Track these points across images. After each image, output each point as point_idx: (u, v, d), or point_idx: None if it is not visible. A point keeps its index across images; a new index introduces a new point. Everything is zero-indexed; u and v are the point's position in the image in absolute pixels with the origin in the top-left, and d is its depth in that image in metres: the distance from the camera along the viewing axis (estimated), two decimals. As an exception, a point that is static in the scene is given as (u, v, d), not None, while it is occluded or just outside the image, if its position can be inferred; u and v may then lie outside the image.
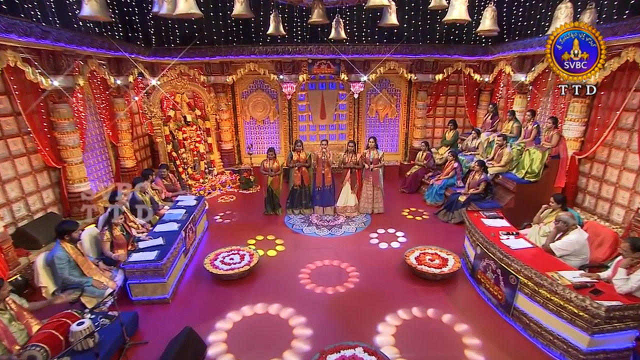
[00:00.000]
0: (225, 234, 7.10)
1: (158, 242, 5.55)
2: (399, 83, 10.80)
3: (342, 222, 7.49)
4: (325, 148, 7.56)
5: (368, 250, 6.49)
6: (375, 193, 7.83)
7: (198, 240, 6.91)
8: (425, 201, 8.65)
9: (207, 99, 9.82)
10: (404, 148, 11.34)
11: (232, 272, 5.66)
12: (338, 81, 10.51)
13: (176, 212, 6.67)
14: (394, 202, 8.50)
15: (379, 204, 7.95)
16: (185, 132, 9.45)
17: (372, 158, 7.69)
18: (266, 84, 10.58)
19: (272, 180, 7.77)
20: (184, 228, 6.07)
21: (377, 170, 7.73)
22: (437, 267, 5.67)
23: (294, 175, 7.66)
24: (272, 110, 10.83)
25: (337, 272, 5.82)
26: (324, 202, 7.79)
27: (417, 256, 5.97)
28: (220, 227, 7.54)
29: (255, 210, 8.16)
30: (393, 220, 7.65)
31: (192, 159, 9.72)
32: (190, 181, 9.37)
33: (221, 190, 9.66)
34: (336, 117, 11.05)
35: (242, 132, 11.10)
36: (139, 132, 10.17)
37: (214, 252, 6.21)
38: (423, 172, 9.41)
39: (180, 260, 5.83)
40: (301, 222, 7.50)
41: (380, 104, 10.92)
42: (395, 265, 5.98)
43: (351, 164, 7.71)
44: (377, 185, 7.80)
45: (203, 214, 7.39)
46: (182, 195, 7.64)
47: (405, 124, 11.13)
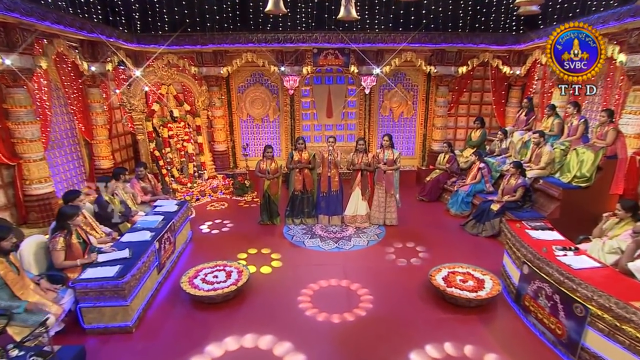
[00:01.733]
0: (212, 247, 6.50)
1: (123, 254, 4.73)
2: (416, 77, 10.23)
3: (352, 234, 6.82)
4: (332, 146, 6.92)
5: (383, 267, 5.79)
6: (387, 201, 7.12)
7: (178, 254, 6.20)
8: (449, 211, 7.95)
9: (197, 93, 9.13)
10: (422, 151, 10.73)
11: (215, 294, 4.90)
12: (347, 74, 10.00)
13: (152, 218, 5.92)
14: (412, 212, 7.93)
15: (391, 215, 7.23)
16: (171, 129, 8.78)
17: (387, 159, 6.98)
18: (265, 77, 10.08)
19: (269, 184, 7.13)
20: (158, 238, 5.29)
21: (391, 174, 7.04)
22: (471, 290, 4.83)
23: (294, 178, 7.07)
24: (272, 107, 10.31)
25: (345, 295, 5.08)
26: (330, 211, 7.18)
27: (445, 276, 5.13)
28: (206, 239, 6.91)
29: (250, 220, 7.60)
30: (412, 232, 6.99)
31: (179, 160, 9.05)
32: (176, 185, 8.62)
33: (212, 197, 9.08)
34: (344, 115, 10.50)
35: (237, 131, 10.54)
36: (120, 130, 9.55)
37: (195, 268, 5.46)
38: (445, 177, 8.76)
39: (151, 277, 5.05)
40: (303, 234, 6.85)
41: (395, 100, 10.35)
42: (417, 287, 5.23)
43: (362, 165, 6.96)
44: (390, 191, 7.08)
45: (186, 223, 6.66)
46: (162, 200, 6.79)
47: (423, 123, 10.51)
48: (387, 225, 7.22)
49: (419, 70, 9.89)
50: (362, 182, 7.10)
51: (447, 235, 6.97)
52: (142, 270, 4.77)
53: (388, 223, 7.24)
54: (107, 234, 5.36)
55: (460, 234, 7.02)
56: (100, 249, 4.81)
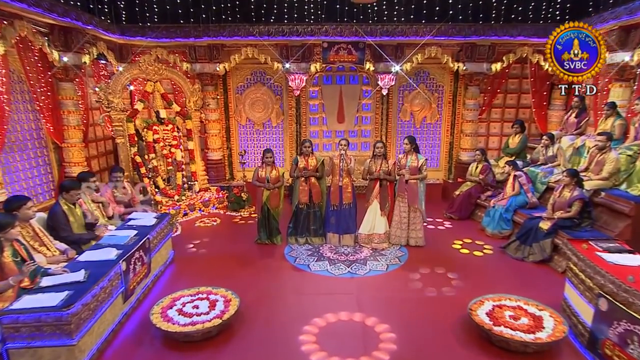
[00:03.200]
0: (196, 270, 5.91)
1: (75, 277, 3.99)
2: (441, 76, 9.77)
3: (367, 257, 6.26)
4: (344, 150, 6.39)
5: (408, 298, 5.11)
6: (411, 216, 6.53)
7: (154, 277, 5.53)
8: (485, 230, 7.26)
9: (189, 92, 8.60)
10: (448, 162, 10.21)
11: (193, 329, 4.17)
12: (361, 73, 9.62)
13: (122, 233, 5.27)
14: (440, 231, 7.42)
15: (417, 233, 6.62)
16: (157, 132, 8.21)
17: (410, 166, 6.40)
18: (268, 76, 9.72)
19: (268, 195, 6.57)
20: (126, 257, 4.61)
21: (415, 184, 6.44)
22: (526, 330, 4.03)
23: (299, 189, 6.55)
24: (275, 111, 9.92)
25: (360, 333, 4.36)
26: (341, 228, 6.61)
27: (490, 311, 4.38)
28: (191, 260, 6.32)
29: (245, 238, 7.08)
30: (440, 255, 6.36)
31: (165, 168, 8.49)
32: (160, 197, 8.02)
33: (202, 212, 8.56)
34: (358, 120, 10.07)
35: (235, 137, 10.16)
36: (99, 133, 8.99)
37: (170, 296, 4.74)
38: (478, 190, 8.09)
39: (113, 307, 4.35)
40: (308, 255, 6.32)
41: (417, 103, 9.87)
42: (453, 324, 4.48)
43: (380, 173, 6.33)
44: (414, 204, 6.45)
45: (166, 240, 6.05)
46: (140, 212, 6.17)
47: (450, 130, 10.01)
48: (411, 247, 6.63)
49: (445, 68, 9.48)
50: (381, 194, 6.48)
51: (484, 260, 6.31)
52: (99, 298, 4.02)
53: (412, 243, 6.63)
54: (61, 252, 4.62)
55: (501, 258, 6.32)
56: (47, 270, 4.03)
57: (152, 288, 5.35)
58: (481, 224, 7.44)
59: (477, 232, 7.37)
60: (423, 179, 6.51)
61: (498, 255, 6.42)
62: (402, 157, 6.60)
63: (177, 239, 6.89)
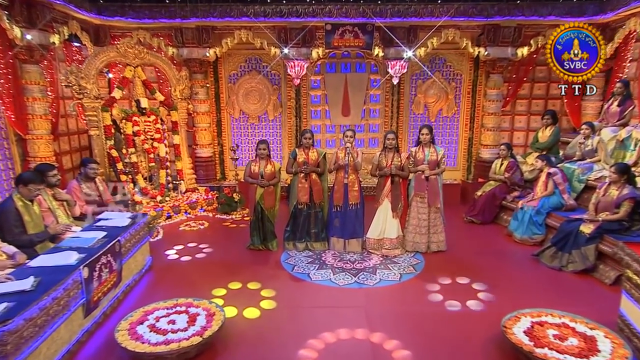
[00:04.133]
0: (177, 279, 5.58)
1: (21, 285, 3.53)
2: (459, 63, 9.53)
3: (377, 265, 5.96)
4: (350, 142, 6.09)
5: (426, 313, 4.73)
6: (432, 218, 6.24)
7: (127, 287, 5.12)
8: (513, 235, 6.88)
9: (175, 80, 8.33)
10: (467, 160, 9.99)
11: (167, 349, 3.70)
12: (369, 60, 9.41)
13: (88, 235, 4.84)
14: (460, 237, 7.02)
15: (438, 237, 6.32)
16: (137, 124, 7.86)
17: (428, 160, 6.13)
18: (264, 64, 9.53)
19: (262, 193, 6.27)
20: (89, 262, 4.18)
21: (435, 180, 6.16)
22: (578, 354, 3.55)
23: (298, 186, 6.25)
24: (272, 102, 9.74)
25: (369, 354, 3.98)
26: (347, 232, 6.31)
27: (529, 328, 3.93)
28: (173, 267, 5.98)
29: (236, 243, 6.79)
30: (463, 263, 6.01)
31: (147, 165, 8.16)
32: (140, 197, 7.69)
33: (188, 214, 8.28)
34: (365, 113, 9.88)
35: (227, 132, 9.95)
36: (72, 126, 8.60)
37: (142, 309, 4.32)
38: (503, 190, 7.73)
39: (70, 322, 3.88)
40: (308, 263, 6.02)
41: (432, 94, 9.66)
42: (483, 344, 4.06)
43: (392, 168, 6.04)
44: (435, 203, 6.16)
45: (142, 244, 5.64)
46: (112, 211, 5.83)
47: (469, 124, 9.78)
48: (428, 253, 6.29)
49: (464, 53, 9.27)
50: (393, 192, 6.13)
51: (514, 268, 5.92)
52: (50, 312, 3.56)
53: (434, 249, 6.32)
54: (9, 256, 4.14)
55: (534, 267, 5.90)
56: (-12, 276, 3.53)
57: (123, 300, 4.96)
58: (508, 228, 7.09)
59: (504, 238, 7.05)
60: (442, 172, 6.26)
61: (530, 263, 6.03)
62: (417, 150, 6.27)
63: (157, 244, 6.67)
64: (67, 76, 6.96)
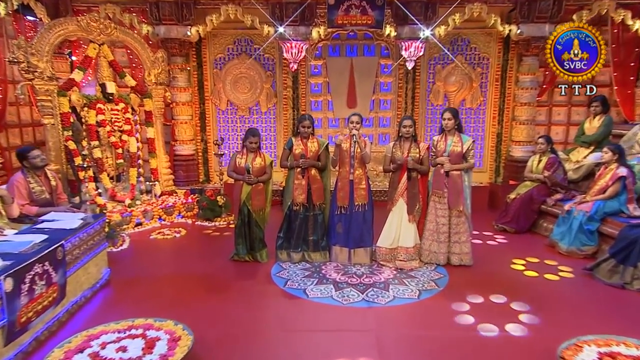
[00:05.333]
0: (141, 296, 5.23)
1: None
2: (486, 44, 9.30)
3: (390, 279, 5.67)
4: (356, 129, 5.81)
5: (452, 339, 4.36)
6: (453, 223, 5.87)
7: (72, 305, 4.65)
8: (557, 245, 6.48)
9: (150, 62, 8.13)
10: (495, 160, 9.74)
11: None
12: (380, 41, 9.23)
13: (23, 239, 4.29)
14: (490, 248, 6.82)
15: (461, 247, 5.92)
16: (102, 113, 7.46)
17: (450, 151, 5.77)
18: (256, 46, 9.38)
19: (249, 192, 5.93)
20: (14, 272, 3.62)
21: (458, 177, 5.77)
22: None
23: (293, 183, 6.04)
24: (265, 92, 9.59)
25: None
26: (353, 240, 6.08)
27: None
28: (137, 282, 5.62)
29: (218, 254, 6.54)
30: (497, 279, 5.67)
31: (115, 162, 7.83)
32: (102, 199, 7.26)
33: (162, 221, 7.99)
34: (375, 105, 9.71)
35: (212, 126, 9.78)
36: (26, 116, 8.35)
37: (86, 333, 3.81)
38: (542, 192, 7.35)
39: None
40: (304, 277, 5.75)
41: (453, 81, 9.42)
42: None
43: (409, 161, 5.71)
44: (457, 205, 5.79)
45: (96, 253, 5.15)
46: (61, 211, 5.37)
47: (498, 117, 9.56)
48: (452, 266, 5.95)
49: (491, 33, 9.08)
50: (409, 190, 5.81)
51: (562, 285, 5.51)
52: None
53: (455, 262, 5.94)
54: None
55: (589, 284, 5.48)
56: None
57: (66, 321, 4.48)
58: (550, 237, 6.73)
59: (545, 249, 6.69)
60: (469, 169, 5.83)
61: (583, 279, 5.62)
62: (439, 140, 5.90)
63: (121, 254, 6.44)
64: (14, 50, 6.46)
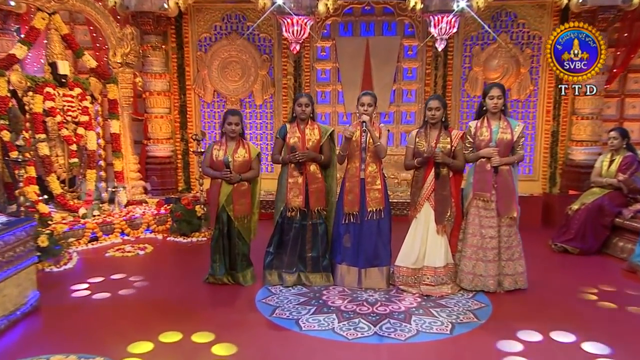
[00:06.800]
0: (79, 326, 5.08)
1: None
2: (538, 19, 9.11)
3: (413, 309, 5.41)
4: (367, 114, 5.61)
5: None
6: (504, 235, 5.59)
7: None
8: None
9: (115, 39, 8.23)
10: (550, 165, 9.53)
11: None
12: (402, 17, 9.15)
13: None
14: (548, 272, 6.55)
15: (515, 266, 5.64)
16: (51, 99, 7.41)
17: (496, 140, 5.48)
18: (249, 23, 9.35)
19: (229, 193, 5.74)
20: None
21: (507, 173, 5.52)
22: None
23: (287, 182, 5.86)
24: (260, 80, 9.60)
25: None
26: (364, 257, 5.82)
27: None
28: (76, 309, 5.45)
29: (189, 275, 6.43)
30: (559, 310, 5.42)
31: (67, 161, 7.91)
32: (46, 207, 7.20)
33: (125, 235, 7.92)
34: (396, 96, 9.62)
35: (195, 122, 9.81)
36: None
37: None
38: (616, 202, 7.11)
39: None
40: (298, 304, 5.56)
41: (495, 66, 9.26)
42: None
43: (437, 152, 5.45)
44: (508, 211, 5.50)
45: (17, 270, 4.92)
46: None
47: (553, 110, 9.35)
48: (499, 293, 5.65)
49: (544, 4, 8.97)
50: (438, 192, 5.55)
51: None
52: None
53: (508, 285, 5.68)
54: None
55: None
56: None
57: None
58: (630, 260, 6.51)
59: (624, 275, 6.44)
60: (519, 161, 5.65)
61: None
62: (480, 126, 5.58)
63: (64, 274, 6.34)
64: None
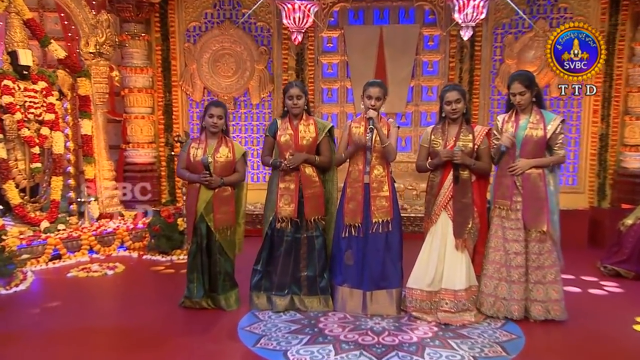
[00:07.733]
0: None
1: None
2: (582, 3, 9.08)
3: (427, 339, 5.17)
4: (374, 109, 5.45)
5: None
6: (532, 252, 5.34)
7: None
8: None
9: (87, 27, 8.34)
10: (598, 174, 9.41)
11: None
12: (421, 2, 9.21)
13: None
14: (595, 298, 6.51)
15: (548, 291, 5.37)
16: (10, 93, 7.51)
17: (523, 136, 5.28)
18: (244, 10, 9.38)
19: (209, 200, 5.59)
20: None
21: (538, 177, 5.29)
22: None
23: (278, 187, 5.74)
24: (256, 75, 9.67)
25: None
26: (370, 277, 5.64)
27: None
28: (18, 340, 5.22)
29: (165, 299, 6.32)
30: (611, 346, 5.15)
31: (28, 165, 7.96)
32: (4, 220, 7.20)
33: (94, 253, 7.89)
34: (414, 94, 9.65)
35: (182, 123, 9.84)
36: None
37: None
38: None
39: None
40: (289, 332, 5.36)
41: (531, 58, 9.25)
42: None
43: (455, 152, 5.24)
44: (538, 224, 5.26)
45: None
46: None
47: (601, 110, 9.24)
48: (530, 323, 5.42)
49: None
50: (457, 199, 5.35)
51: None
52: None
53: (539, 315, 5.38)
54: None
55: None
56: None
57: None
58: None
59: None
60: (557, 164, 5.33)
61: None
62: (507, 119, 5.35)
63: (14, 297, 6.23)
64: None
